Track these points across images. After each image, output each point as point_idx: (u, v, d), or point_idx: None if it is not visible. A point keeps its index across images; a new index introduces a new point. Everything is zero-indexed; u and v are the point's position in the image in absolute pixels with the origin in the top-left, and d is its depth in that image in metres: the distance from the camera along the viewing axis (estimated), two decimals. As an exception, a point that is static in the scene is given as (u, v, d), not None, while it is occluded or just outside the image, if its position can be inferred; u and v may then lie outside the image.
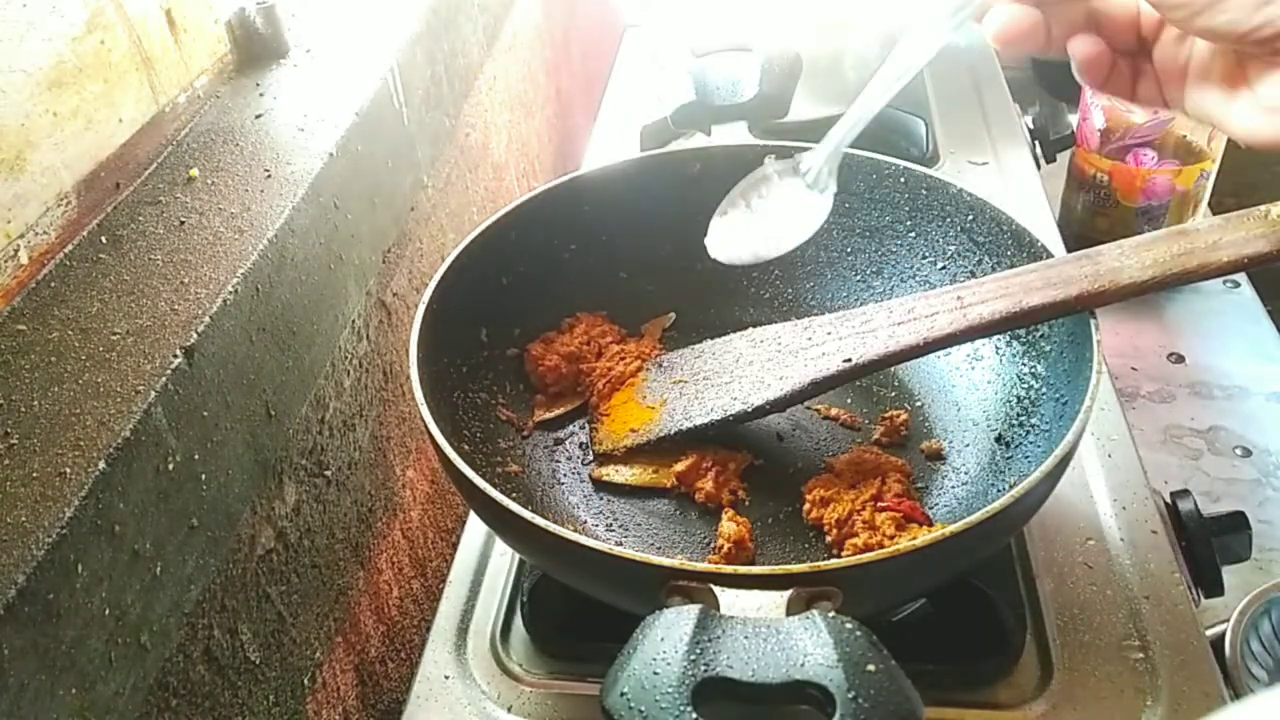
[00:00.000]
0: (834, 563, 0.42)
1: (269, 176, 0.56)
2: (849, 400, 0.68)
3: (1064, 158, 1.03)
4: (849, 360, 0.58)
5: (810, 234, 0.59)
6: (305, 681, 0.58)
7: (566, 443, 0.67)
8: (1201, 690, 0.54)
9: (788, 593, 0.41)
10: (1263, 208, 0.52)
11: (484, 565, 0.64)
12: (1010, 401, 0.62)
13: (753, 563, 0.57)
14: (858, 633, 0.37)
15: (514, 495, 0.50)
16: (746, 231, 0.61)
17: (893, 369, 0.68)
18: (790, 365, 0.61)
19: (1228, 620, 0.68)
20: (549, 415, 0.68)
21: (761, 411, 0.61)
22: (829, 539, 0.58)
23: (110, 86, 0.54)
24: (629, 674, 0.37)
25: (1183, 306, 1.00)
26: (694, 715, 0.35)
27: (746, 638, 0.38)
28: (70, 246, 0.50)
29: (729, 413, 0.61)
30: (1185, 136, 0.93)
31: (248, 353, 0.49)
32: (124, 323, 0.46)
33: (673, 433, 0.63)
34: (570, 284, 0.71)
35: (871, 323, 0.59)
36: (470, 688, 0.57)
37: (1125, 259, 0.53)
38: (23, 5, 0.48)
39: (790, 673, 0.37)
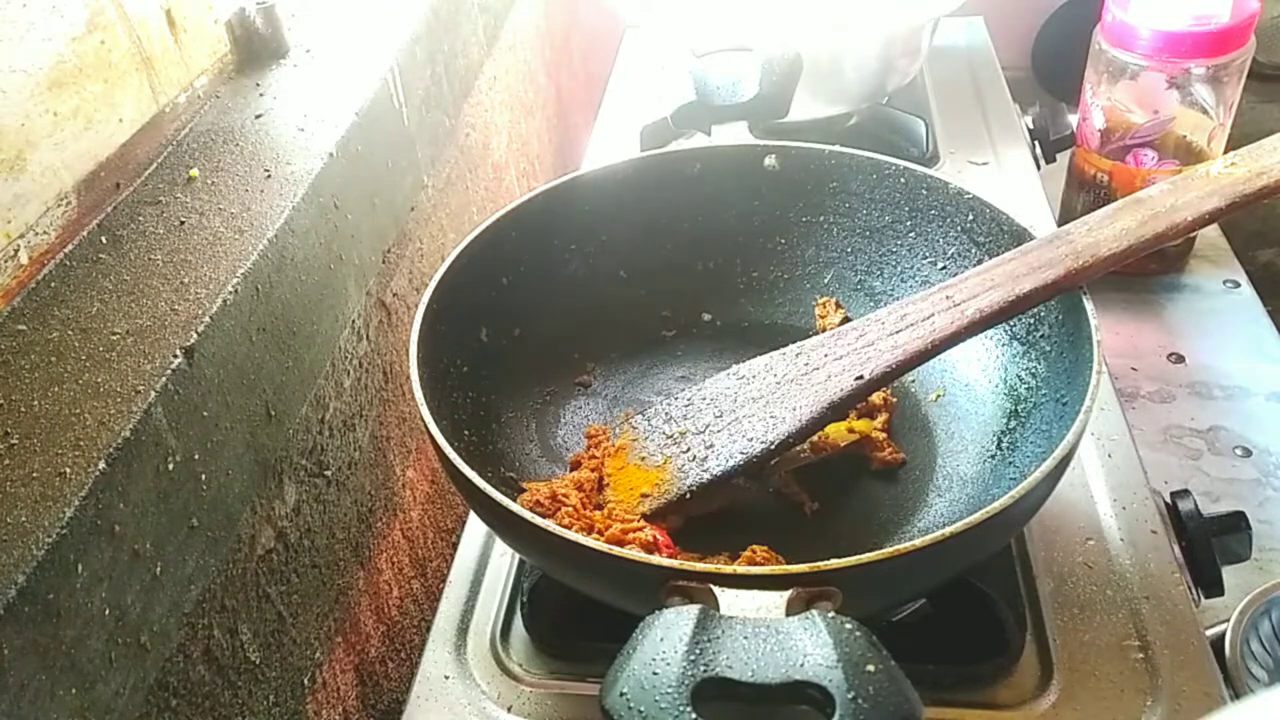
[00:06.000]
0: (834, 563, 0.42)
1: (269, 176, 0.56)
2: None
3: (1064, 158, 1.03)
4: (860, 377, 0.56)
5: None
6: (305, 681, 0.58)
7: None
8: (1201, 690, 0.54)
9: (787, 593, 0.41)
10: (1201, 167, 0.54)
11: (484, 565, 0.64)
12: (1010, 401, 0.62)
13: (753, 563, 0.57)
14: (857, 633, 0.37)
15: (514, 495, 0.50)
16: None
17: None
18: (796, 395, 0.58)
19: (1228, 620, 0.68)
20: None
21: (785, 446, 0.57)
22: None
23: (110, 86, 0.54)
24: (628, 674, 0.37)
25: (1183, 306, 1.00)
26: (693, 715, 0.35)
27: (746, 638, 0.38)
28: (70, 246, 0.50)
29: (750, 454, 0.57)
30: (1185, 136, 0.92)
31: (248, 353, 0.49)
32: (124, 323, 0.46)
33: (694, 487, 0.58)
34: (570, 284, 0.71)
35: (866, 336, 0.57)
36: (470, 688, 0.57)
37: (1096, 233, 0.54)
38: (23, 5, 0.48)
39: (790, 673, 0.37)
